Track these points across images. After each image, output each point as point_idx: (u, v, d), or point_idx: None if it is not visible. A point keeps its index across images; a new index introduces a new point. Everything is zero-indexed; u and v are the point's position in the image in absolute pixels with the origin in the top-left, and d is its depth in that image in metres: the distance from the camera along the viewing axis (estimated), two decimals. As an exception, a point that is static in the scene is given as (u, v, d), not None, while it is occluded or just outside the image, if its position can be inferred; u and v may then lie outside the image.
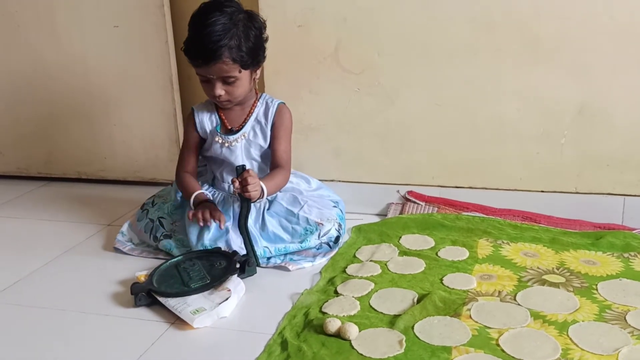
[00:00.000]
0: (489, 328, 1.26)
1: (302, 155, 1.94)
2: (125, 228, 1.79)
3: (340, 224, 1.70)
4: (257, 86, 1.73)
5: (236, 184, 1.52)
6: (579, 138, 1.76)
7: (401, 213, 1.86)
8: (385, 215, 1.89)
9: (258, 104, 1.71)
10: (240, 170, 1.53)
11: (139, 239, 1.76)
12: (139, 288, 1.43)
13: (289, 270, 1.59)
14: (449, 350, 1.20)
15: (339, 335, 1.25)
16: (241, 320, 1.37)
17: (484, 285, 1.44)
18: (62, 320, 1.40)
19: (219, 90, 1.60)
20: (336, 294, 1.44)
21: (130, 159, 2.27)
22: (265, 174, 1.67)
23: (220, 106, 1.70)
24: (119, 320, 1.39)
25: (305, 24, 1.86)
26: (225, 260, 1.53)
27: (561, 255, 1.58)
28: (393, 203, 1.93)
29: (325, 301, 1.40)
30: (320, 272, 1.57)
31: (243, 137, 1.70)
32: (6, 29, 2.25)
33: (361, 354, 1.20)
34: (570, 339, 1.22)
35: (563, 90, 1.73)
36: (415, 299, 1.39)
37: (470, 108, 1.81)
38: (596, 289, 1.41)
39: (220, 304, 1.37)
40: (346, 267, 1.57)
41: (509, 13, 1.71)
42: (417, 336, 1.24)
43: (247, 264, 1.54)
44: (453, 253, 1.61)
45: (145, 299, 1.43)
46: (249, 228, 1.60)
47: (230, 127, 1.71)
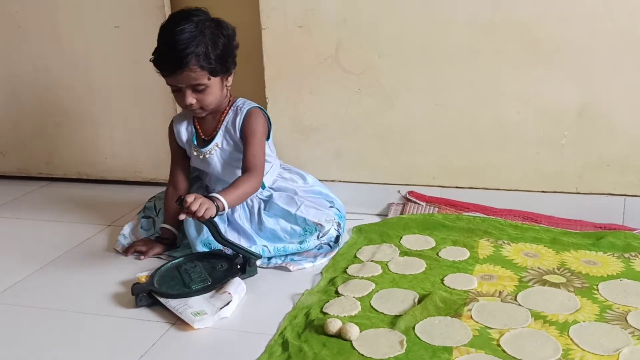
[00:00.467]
0: (490, 328, 1.27)
1: (303, 155, 1.94)
2: (127, 231, 1.78)
3: (339, 223, 1.70)
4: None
5: (183, 216, 1.46)
6: (580, 139, 1.76)
7: (402, 213, 1.86)
8: (386, 215, 1.89)
9: (230, 111, 1.68)
10: (180, 203, 1.45)
11: None
12: (140, 289, 1.43)
13: (289, 270, 1.59)
14: (449, 350, 1.20)
15: (339, 335, 1.25)
16: (242, 321, 1.37)
17: (485, 286, 1.44)
18: (63, 321, 1.40)
19: (190, 99, 1.57)
20: (337, 294, 1.44)
21: (131, 159, 2.27)
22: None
23: (194, 115, 1.68)
24: (120, 320, 1.39)
25: (306, 25, 1.86)
26: (227, 263, 1.53)
27: (562, 255, 1.58)
28: (394, 203, 1.93)
29: (326, 301, 1.40)
30: (321, 273, 1.57)
31: (217, 147, 1.68)
32: (7, 30, 2.25)
33: (362, 355, 1.20)
34: (571, 339, 1.22)
35: (563, 91, 1.73)
36: (416, 300, 1.39)
37: (471, 109, 1.81)
38: (597, 290, 1.41)
39: (221, 308, 1.37)
40: (347, 268, 1.57)
41: (509, 15, 1.71)
42: (418, 336, 1.25)
43: (248, 264, 1.54)
44: (454, 253, 1.61)
45: (146, 299, 1.43)
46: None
47: (203, 137, 1.70)
